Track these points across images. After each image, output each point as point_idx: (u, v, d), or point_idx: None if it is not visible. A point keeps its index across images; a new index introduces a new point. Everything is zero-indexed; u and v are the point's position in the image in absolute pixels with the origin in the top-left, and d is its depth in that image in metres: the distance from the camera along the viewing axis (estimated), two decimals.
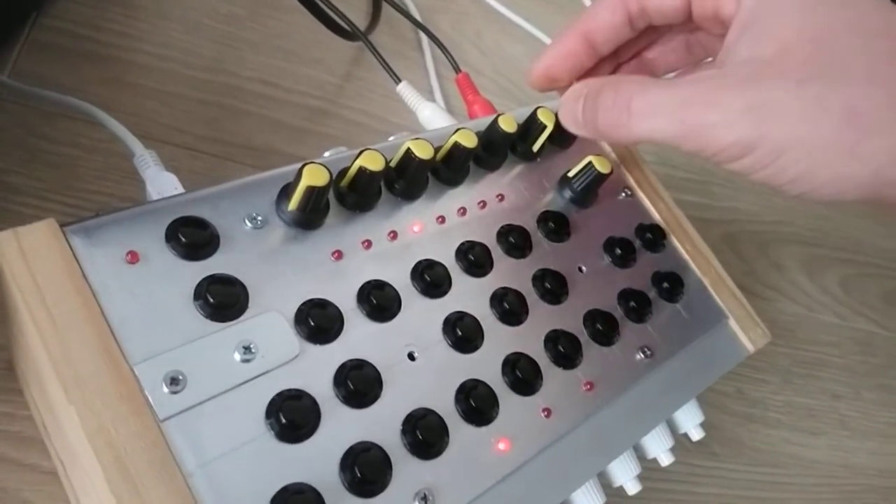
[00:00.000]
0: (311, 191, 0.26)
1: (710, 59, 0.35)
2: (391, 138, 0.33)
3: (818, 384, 0.55)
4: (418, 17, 0.53)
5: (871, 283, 0.65)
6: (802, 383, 0.54)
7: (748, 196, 0.63)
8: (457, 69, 0.45)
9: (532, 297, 0.32)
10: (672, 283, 0.36)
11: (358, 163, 0.28)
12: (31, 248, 0.23)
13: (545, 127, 0.35)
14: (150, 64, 0.43)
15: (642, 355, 0.33)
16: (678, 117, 0.27)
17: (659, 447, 0.33)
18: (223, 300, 0.24)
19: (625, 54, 0.35)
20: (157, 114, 0.41)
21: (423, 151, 0.30)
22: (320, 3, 0.44)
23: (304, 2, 0.43)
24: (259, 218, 0.27)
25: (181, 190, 0.29)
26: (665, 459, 0.33)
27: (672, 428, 0.35)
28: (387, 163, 0.29)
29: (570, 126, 0.32)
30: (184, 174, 0.31)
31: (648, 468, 0.42)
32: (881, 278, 0.66)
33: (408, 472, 0.25)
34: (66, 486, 0.29)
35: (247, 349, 0.24)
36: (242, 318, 0.25)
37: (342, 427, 0.25)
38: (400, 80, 0.42)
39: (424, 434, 0.25)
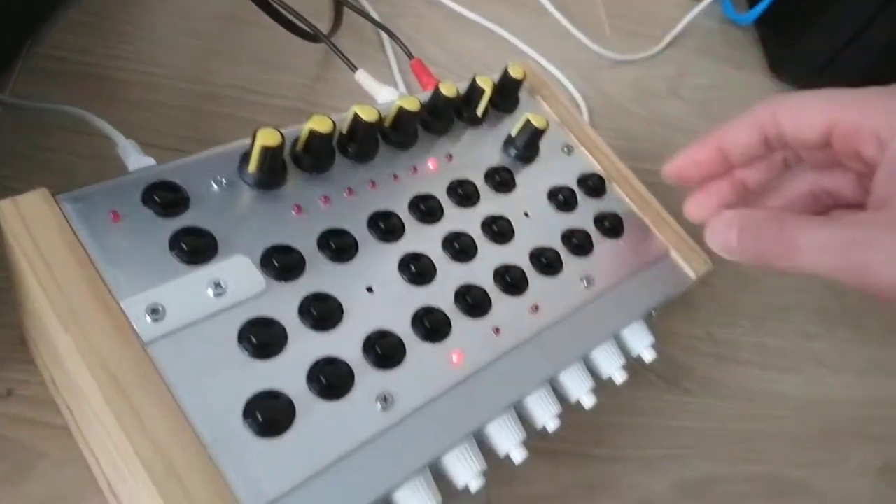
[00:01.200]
0: (266, 151, 0.30)
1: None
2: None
3: (790, 326, 0.58)
4: (376, 16, 0.58)
5: None
6: (774, 326, 0.57)
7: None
8: (410, 56, 0.49)
9: (482, 240, 0.36)
10: (612, 222, 0.39)
11: (307, 126, 0.32)
12: (28, 213, 0.27)
13: (483, 91, 0.39)
14: (136, 80, 0.47)
15: (585, 283, 0.36)
16: (844, 256, 0.28)
17: (611, 366, 0.36)
18: (194, 247, 0.28)
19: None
20: (144, 121, 0.45)
21: (368, 115, 0.34)
22: (284, 12, 0.48)
23: (269, 12, 0.47)
24: (224, 181, 0.31)
25: None
26: (618, 377, 0.37)
27: (625, 352, 0.38)
28: (338, 131, 0.33)
29: (719, 250, 0.32)
30: None
31: (620, 404, 0.46)
32: None
33: (369, 379, 0.28)
34: (75, 434, 0.32)
35: (217, 285, 0.28)
36: (213, 261, 0.29)
37: (308, 347, 0.28)
38: (356, 69, 0.47)
39: (383, 348, 0.29)
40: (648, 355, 0.38)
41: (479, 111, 0.40)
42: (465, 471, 0.30)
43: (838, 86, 0.76)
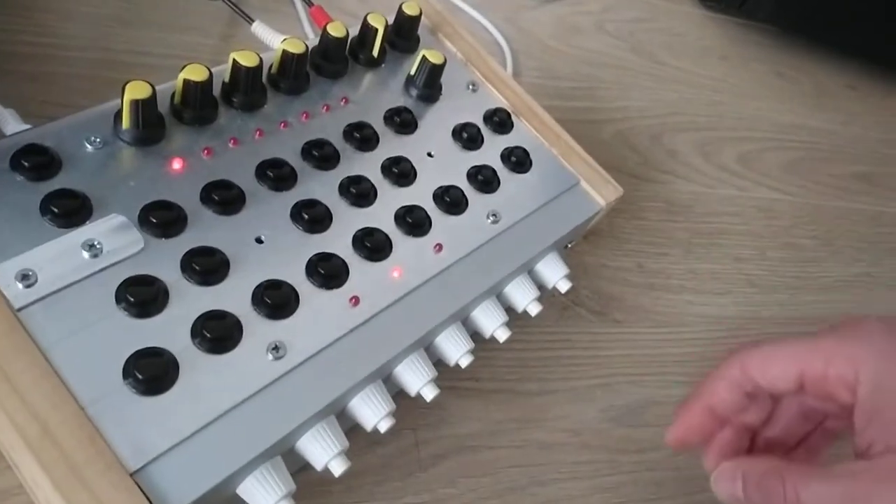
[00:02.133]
0: (136, 104, 0.29)
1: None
2: None
3: (721, 251, 0.58)
4: None
5: (769, 155, 0.68)
6: (705, 252, 0.57)
7: (636, 93, 0.66)
8: (309, 3, 0.48)
9: (383, 184, 0.35)
10: (519, 157, 0.39)
11: (181, 76, 0.31)
12: None
13: (376, 30, 0.38)
14: (28, 52, 0.45)
15: (491, 219, 0.36)
16: None
17: (525, 298, 0.36)
18: (66, 209, 0.27)
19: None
20: (38, 93, 0.43)
21: (247, 60, 0.32)
22: None
23: None
24: (98, 140, 0.30)
25: None
26: (533, 309, 0.36)
27: (543, 287, 0.38)
28: (221, 81, 0.32)
29: (728, 500, 0.33)
30: None
31: (550, 340, 0.46)
32: (780, 150, 0.70)
33: (259, 330, 0.28)
34: None
35: (92, 246, 0.27)
36: (87, 223, 0.28)
37: (192, 302, 0.28)
38: (252, 21, 0.45)
39: (273, 299, 0.29)
40: (564, 285, 0.38)
41: (375, 52, 0.39)
42: (373, 413, 0.29)
43: (762, 12, 0.76)
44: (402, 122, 0.38)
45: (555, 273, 0.38)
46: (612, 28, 0.71)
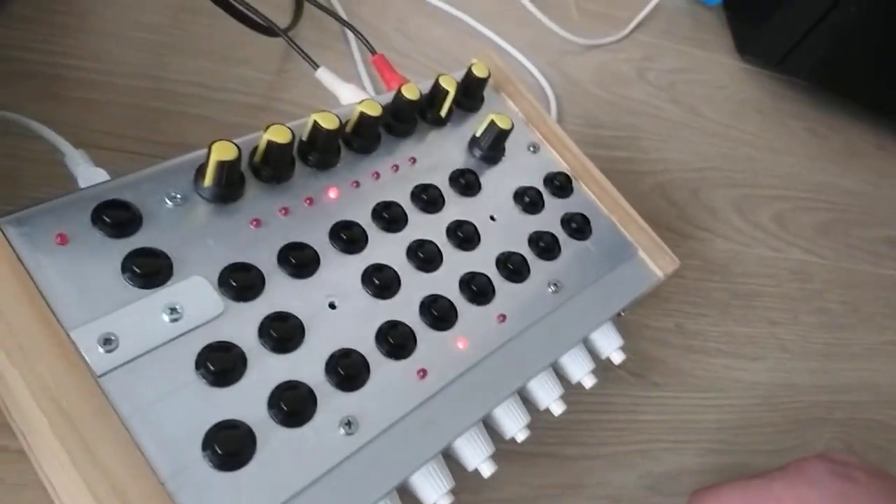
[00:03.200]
0: (222, 165, 0.29)
1: None
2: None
3: (756, 313, 0.58)
4: (340, 11, 0.56)
5: (803, 216, 0.69)
6: (740, 314, 0.57)
7: (676, 145, 0.66)
8: (373, 51, 0.48)
9: (447, 247, 0.35)
10: (580, 223, 0.39)
11: (265, 137, 0.31)
12: None
13: (447, 92, 0.38)
14: (80, 77, 0.45)
15: (553, 288, 0.36)
16: None
17: (581, 370, 0.36)
18: (147, 269, 0.27)
19: None
20: (91, 122, 0.43)
21: (328, 122, 0.32)
22: (236, 4, 0.46)
23: (220, 4, 0.45)
24: (178, 196, 0.30)
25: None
26: (588, 382, 0.36)
27: (595, 355, 0.38)
28: (298, 138, 0.32)
29: None
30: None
31: (591, 402, 0.46)
32: (814, 211, 0.70)
33: (332, 403, 0.28)
34: (30, 458, 0.31)
35: (173, 310, 0.27)
36: (168, 284, 0.28)
37: (269, 371, 0.27)
38: (318, 66, 0.45)
39: (345, 369, 0.28)
40: (618, 357, 0.38)
41: (443, 113, 0.39)
42: (434, 491, 0.29)
43: (801, 70, 0.76)
44: (467, 183, 0.38)
45: (610, 344, 0.38)
46: (653, 77, 0.71)
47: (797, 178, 0.72)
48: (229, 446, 0.25)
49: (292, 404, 0.27)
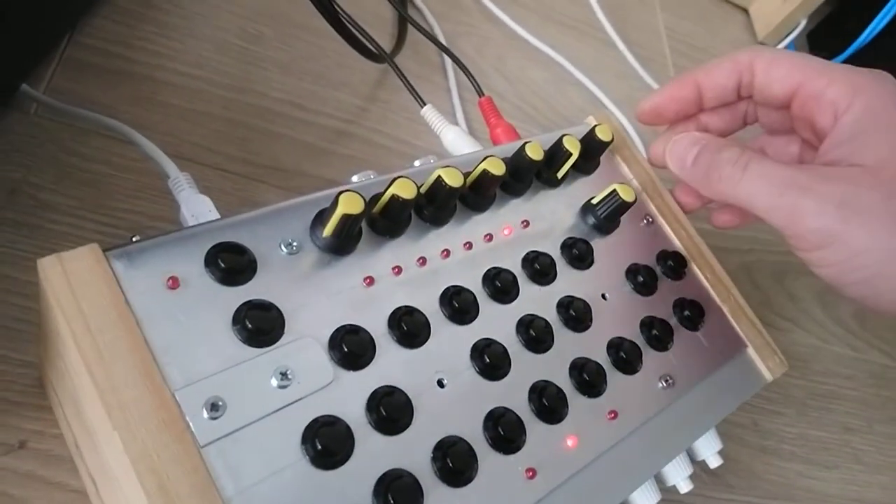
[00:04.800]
0: (347, 219, 0.27)
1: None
2: (417, 163, 0.34)
3: (832, 417, 0.55)
4: (443, 41, 0.54)
5: (884, 316, 0.65)
6: (816, 416, 0.54)
7: (765, 225, 0.63)
8: (480, 93, 0.46)
9: (557, 324, 0.32)
10: (693, 312, 0.36)
11: (391, 191, 0.28)
12: (74, 273, 0.23)
13: (570, 154, 0.35)
14: (181, 83, 0.43)
15: (664, 384, 0.33)
16: (778, 191, 0.31)
17: (679, 475, 0.33)
18: (261, 326, 0.25)
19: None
20: (187, 133, 0.41)
21: (453, 179, 0.30)
22: (348, 25, 0.44)
23: (332, 23, 0.43)
24: (294, 244, 0.27)
25: (215, 212, 0.30)
26: (684, 487, 0.34)
27: (690, 455, 0.35)
28: (417, 189, 0.29)
29: (673, 165, 0.36)
30: (214, 193, 0.31)
31: (669, 499, 0.43)
32: None
33: (438, 498, 0.25)
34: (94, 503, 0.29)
35: (283, 375, 0.24)
36: (279, 343, 0.25)
37: (375, 454, 0.25)
38: (424, 104, 0.43)
39: (454, 462, 0.26)
40: (714, 462, 0.36)
41: (560, 174, 0.36)
42: None
43: None
44: (579, 254, 0.35)
45: (709, 448, 0.35)
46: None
47: None
48: None
49: (399, 500, 0.24)
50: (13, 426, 0.30)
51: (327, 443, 0.24)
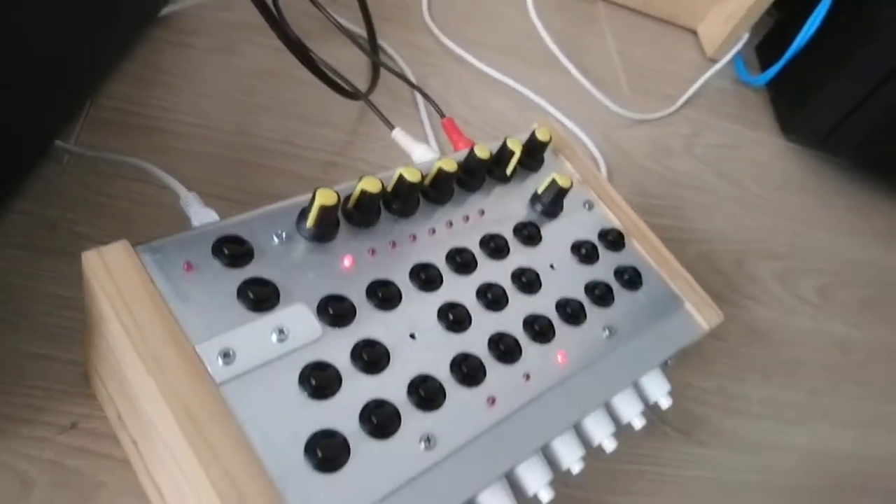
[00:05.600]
0: (324, 209, 0.33)
1: None
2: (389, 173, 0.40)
3: (797, 380, 0.60)
4: (411, 77, 0.62)
5: (845, 290, 0.71)
6: (782, 380, 0.59)
7: (720, 217, 0.69)
8: (442, 115, 0.53)
9: (512, 290, 0.38)
10: (631, 275, 0.42)
11: (359, 186, 0.35)
12: (111, 263, 0.30)
13: (513, 153, 0.42)
14: (187, 131, 0.51)
15: (607, 333, 0.39)
16: None
17: (631, 411, 0.39)
18: (259, 295, 0.31)
19: None
20: (194, 170, 0.48)
21: (411, 175, 0.37)
22: (326, 71, 0.52)
23: (311, 69, 0.51)
24: (284, 234, 0.34)
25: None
26: (637, 423, 0.39)
27: (644, 399, 0.40)
28: (384, 187, 0.36)
29: None
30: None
31: (637, 454, 0.48)
32: (855, 286, 0.72)
33: (414, 421, 0.31)
34: (135, 466, 0.35)
35: (280, 332, 0.31)
36: (276, 309, 0.32)
37: (360, 389, 0.31)
38: (393, 127, 0.50)
39: (426, 392, 0.32)
40: (665, 402, 0.41)
41: (509, 171, 0.43)
42: None
43: (842, 149, 0.80)
44: (529, 235, 0.41)
45: (658, 389, 0.40)
46: (700, 152, 0.75)
47: (840, 254, 0.74)
48: (328, 452, 0.28)
49: (381, 419, 0.30)
50: (65, 411, 0.36)
51: (319, 379, 0.30)
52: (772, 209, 0.74)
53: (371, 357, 0.32)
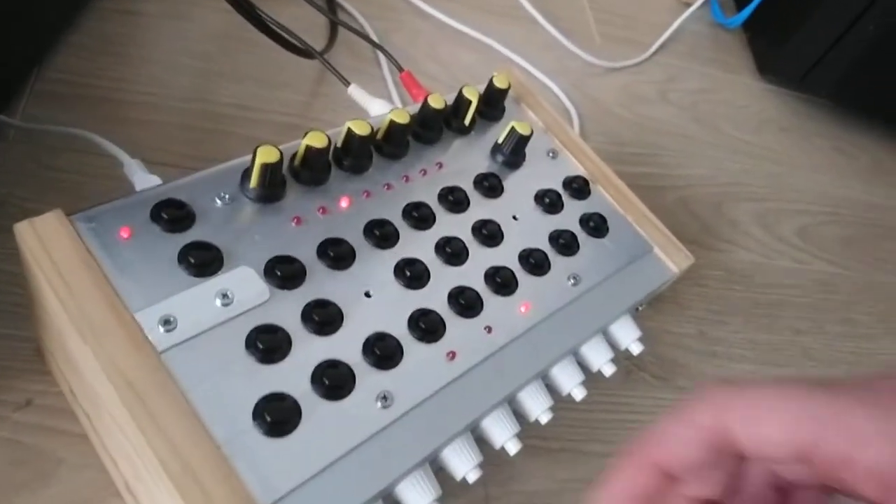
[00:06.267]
0: (266, 167, 0.32)
1: None
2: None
3: (780, 322, 0.59)
4: (372, 35, 0.60)
5: (829, 229, 0.70)
6: (765, 322, 0.58)
7: (698, 162, 0.68)
8: (400, 69, 0.51)
9: (473, 244, 0.37)
10: (597, 222, 0.41)
11: (304, 142, 0.34)
12: (44, 233, 0.29)
13: (470, 102, 0.41)
14: (139, 100, 0.49)
15: (572, 281, 0.38)
16: None
17: (601, 358, 0.38)
18: (201, 260, 0.30)
19: None
20: (148, 140, 0.47)
21: (361, 129, 0.35)
22: (278, 30, 0.50)
23: (262, 29, 0.49)
24: (227, 196, 0.33)
25: None
26: (608, 370, 0.38)
27: (614, 346, 0.40)
28: (333, 144, 0.35)
29: None
30: None
31: (615, 402, 0.47)
32: (838, 225, 0.71)
33: (369, 380, 0.30)
34: (92, 440, 0.34)
35: (224, 296, 0.30)
36: (219, 273, 0.30)
37: (312, 351, 0.30)
38: (349, 83, 0.48)
39: (381, 350, 0.31)
40: (636, 348, 0.40)
41: (467, 121, 0.42)
42: (463, 464, 0.31)
43: (822, 88, 0.78)
44: (490, 186, 0.40)
45: (628, 335, 0.40)
46: (675, 98, 0.73)
47: (822, 194, 0.73)
48: (277, 415, 0.27)
49: (333, 379, 0.29)
50: (20, 388, 0.35)
51: (267, 342, 0.29)
52: (751, 152, 0.73)
53: (322, 317, 0.31)
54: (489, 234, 0.38)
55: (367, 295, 0.33)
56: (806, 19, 0.74)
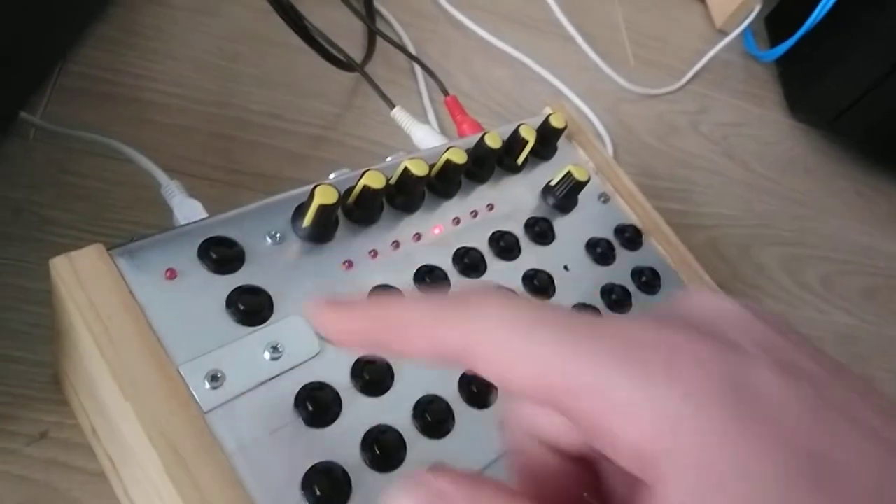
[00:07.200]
0: (323, 208, 0.30)
1: None
2: (389, 159, 0.37)
3: None
4: (411, 48, 0.57)
5: (850, 279, 0.69)
6: None
7: (728, 201, 0.67)
8: (445, 92, 0.49)
9: (524, 294, 0.35)
10: (650, 277, 0.39)
11: (362, 182, 0.32)
12: (83, 269, 0.27)
13: (527, 142, 0.39)
14: (166, 102, 0.46)
15: None
16: None
17: None
18: (251, 307, 0.28)
19: None
20: (174, 147, 0.44)
21: (418, 168, 0.33)
22: (319, 39, 0.48)
23: (304, 38, 0.47)
24: (278, 235, 0.31)
25: (205, 214, 0.33)
26: None
27: None
28: (387, 180, 0.33)
29: None
30: (203, 201, 0.34)
31: None
32: (860, 275, 0.70)
33: (420, 449, 0.28)
34: (113, 483, 0.32)
35: (274, 349, 0.28)
36: (269, 322, 0.28)
37: (361, 413, 0.28)
38: (394, 105, 0.46)
39: (433, 416, 0.29)
40: None
41: (520, 161, 0.40)
42: None
43: (853, 132, 0.77)
44: (541, 231, 0.38)
45: None
46: (706, 130, 0.72)
47: (845, 239, 0.72)
48: (327, 489, 0.25)
49: (384, 448, 0.27)
50: (34, 419, 0.33)
51: (317, 404, 0.27)
52: (778, 192, 0.71)
53: (374, 377, 0.29)
54: (541, 285, 0.36)
55: None
56: (840, 63, 0.72)
